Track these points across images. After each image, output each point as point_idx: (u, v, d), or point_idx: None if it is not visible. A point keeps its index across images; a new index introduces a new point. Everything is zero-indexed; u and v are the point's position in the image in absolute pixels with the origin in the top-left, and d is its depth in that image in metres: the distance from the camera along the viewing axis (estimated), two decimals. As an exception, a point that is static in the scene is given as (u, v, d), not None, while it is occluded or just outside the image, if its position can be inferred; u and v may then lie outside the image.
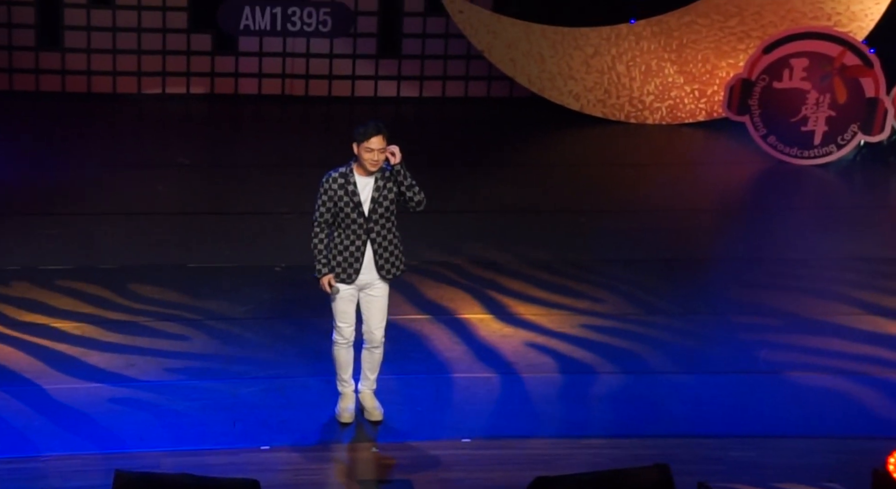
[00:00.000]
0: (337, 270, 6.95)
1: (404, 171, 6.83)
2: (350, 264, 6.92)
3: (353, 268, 6.93)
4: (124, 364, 7.79)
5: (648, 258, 10.11)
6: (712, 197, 12.17)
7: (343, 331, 7.06)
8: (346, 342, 7.10)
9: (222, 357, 7.95)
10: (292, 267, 9.54)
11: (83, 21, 14.12)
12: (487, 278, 9.46)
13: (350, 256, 6.91)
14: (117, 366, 7.76)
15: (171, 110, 14.17)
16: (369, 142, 6.74)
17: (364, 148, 6.76)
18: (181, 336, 8.22)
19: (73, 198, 10.97)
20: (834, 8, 13.56)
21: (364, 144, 6.75)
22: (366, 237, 6.89)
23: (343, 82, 14.79)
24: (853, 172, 12.99)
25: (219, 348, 8.08)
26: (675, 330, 8.66)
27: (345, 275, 6.94)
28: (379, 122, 6.80)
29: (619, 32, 14.08)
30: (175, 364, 7.82)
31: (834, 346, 8.50)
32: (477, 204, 11.40)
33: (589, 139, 13.82)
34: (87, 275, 9.16)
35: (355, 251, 6.90)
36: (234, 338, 8.23)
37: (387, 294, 7.08)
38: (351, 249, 6.90)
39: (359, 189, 6.84)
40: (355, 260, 6.91)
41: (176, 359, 7.87)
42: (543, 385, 7.77)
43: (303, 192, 11.38)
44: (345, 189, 6.83)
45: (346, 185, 6.83)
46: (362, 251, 6.90)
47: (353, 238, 6.89)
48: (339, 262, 6.93)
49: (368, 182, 6.85)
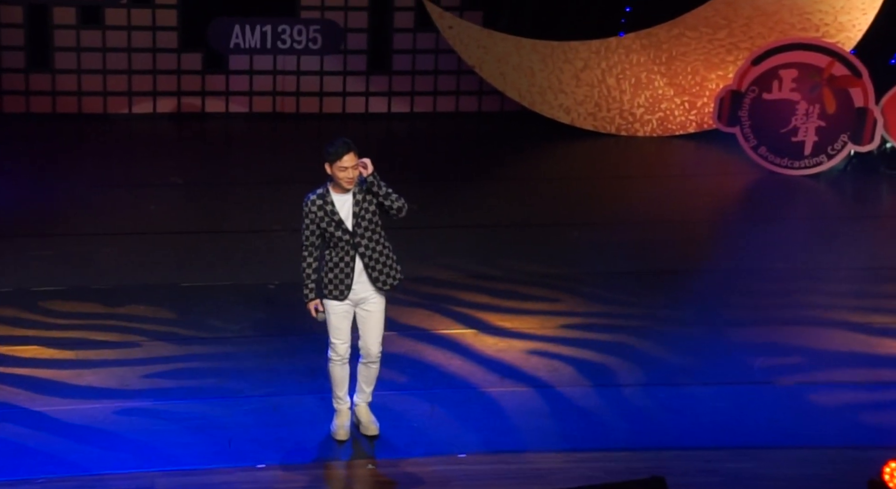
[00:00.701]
0: (329, 287, 6.98)
1: (378, 181, 6.88)
2: (341, 280, 6.95)
3: (344, 285, 6.95)
4: (118, 384, 7.78)
5: (641, 270, 10.12)
6: (704, 208, 12.19)
7: (338, 347, 7.07)
8: (340, 359, 7.10)
9: (216, 376, 7.94)
10: (285, 284, 9.53)
11: (73, 42, 14.14)
12: (480, 292, 9.46)
13: (340, 272, 6.94)
14: (111, 386, 7.75)
15: (162, 129, 14.18)
16: (342, 160, 6.82)
17: (337, 167, 6.83)
18: (175, 355, 8.21)
19: (65, 218, 10.97)
20: (822, 19, 13.62)
21: (337, 164, 6.83)
22: (354, 252, 6.93)
23: (334, 99, 14.82)
24: (844, 182, 13.04)
25: (213, 367, 8.07)
26: (669, 341, 8.67)
27: (337, 291, 6.97)
28: (346, 140, 6.89)
29: (608, 46, 14.13)
30: (169, 383, 7.80)
31: (828, 356, 8.50)
32: (469, 218, 11.41)
33: (580, 152, 13.85)
34: (80, 296, 9.15)
35: (345, 267, 6.93)
36: (228, 357, 8.23)
37: (383, 308, 7.10)
38: (341, 265, 6.94)
39: (337, 207, 6.90)
40: (346, 275, 6.94)
41: (170, 379, 7.86)
42: (538, 399, 7.76)
43: (295, 210, 11.32)
44: (324, 210, 6.89)
45: (325, 206, 6.89)
46: (352, 266, 6.94)
47: (342, 254, 6.93)
48: (331, 279, 6.97)
49: (346, 198, 6.91)
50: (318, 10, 14.52)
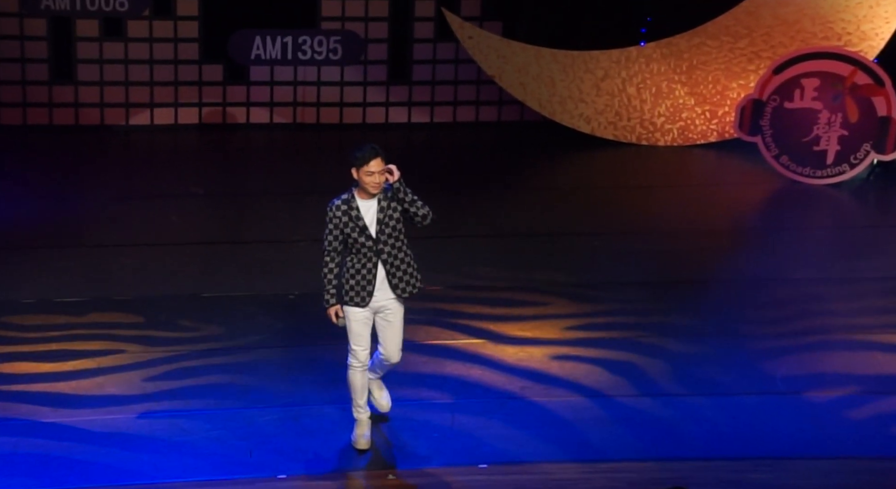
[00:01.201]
0: (350, 294, 6.99)
1: (404, 188, 6.90)
2: (363, 287, 6.96)
3: (366, 291, 6.97)
4: (139, 394, 7.80)
5: (663, 280, 10.09)
6: (725, 218, 12.15)
7: (358, 354, 7.09)
8: (361, 365, 7.12)
9: (237, 386, 7.96)
10: (306, 295, 9.55)
11: (96, 54, 14.22)
12: (500, 302, 9.45)
13: (363, 279, 6.95)
14: (132, 396, 7.77)
15: (183, 140, 14.24)
16: (369, 165, 6.84)
17: (364, 172, 6.85)
18: (196, 366, 8.23)
19: (87, 229, 11.02)
20: (844, 28, 13.57)
21: (364, 169, 6.85)
22: (376, 258, 6.94)
23: (354, 109, 14.84)
24: (867, 191, 12.96)
25: (234, 377, 8.08)
26: (691, 352, 8.64)
27: (358, 298, 6.98)
28: (374, 145, 6.93)
29: (629, 55, 14.11)
30: (190, 394, 7.82)
31: (850, 367, 8.45)
32: (489, 228, 11.41)
33: (601, 162, 13.83)
34: (101, 307, 9.19)
35: (367, 274, 6.94)
36: (248, 367, 8.24)
37: (402, 316, 7.14)
38: (363, 272, 6.95)
39: (362, 213, 6.91)
40: (367, 282, 6.95)
41: (191, 389, 7.88)
42: (559, 409, 7.75)
43: (316, 221, 11.37)
44: (349, 215, 6.90)
45: (350, 211, 6.90)
46: (374, 273, 6.95)
47: (365, 261, 6.94)
48: (353, 286, 6.98)
49: (371, 204, 6.93)
50: (338, 20, 14.56)
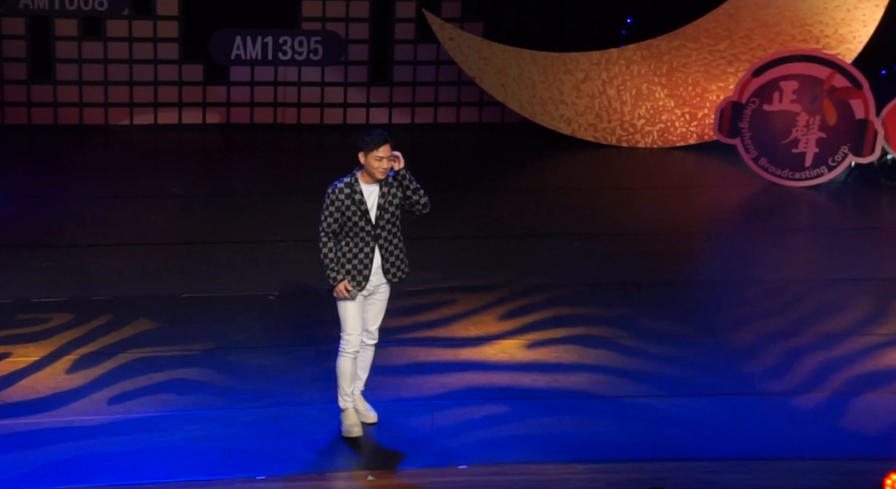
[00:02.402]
0: (347, 278, 7.01)
1: (409, 175, 6.92)
2: (359, 271, 6.99)
3: (362, 276, 7.00)
4: (117, 395, 7.77)
5: (642, 281, 10.12)
6: (705, 219, 12.20)
7: (352, 339, 7.12)
8: (353, 350, 7.15)
9: (216, 387, 7.94)
10: (286, 295, 9.55)
11: (74, 54, 14.17)
12: (480, 303, 9.46)
13: (359, 263, 6.98)
14: (111, 397, 7.74)
15: (163, 141, 14.20)
16: (378, 151, 6.87)
17: (373, 157, 6.87)
18: (174, 366, 8.21)
19: (66, 230, 10.98)
20: (822, 31, 13.64)
21: (374, 153, 6.87)
22: (374, 243, 6.98)
23: (335, 110, 14.84)
24: (845, 194, 13.04)
25: (212, 378, 8.06)
26: (669, 353, 8.66)
27: (354, 282, 7.01)
28: (382, 131, 6.95)
29: (609, 57, 14.14)
30: (168, 395, 7.80)
31: (828, 368, 8.50)
32: (470, 228, 11.42)
33: (581, 163, 13.86)
34: (80, 307, 9.15)
35: (364, 258, 6.98)
36: (227, 368, 8.22)
37: (387, 298, 7.21)
38: (360, 257, 6.97)
39: (365, 196, 6.92)
40: (364, 267, 6.99)
41: (169, 390, 7.86)
42: (539, 409, 7.76)
43: (296, 221, 11.42)
44: (351, 198, 6.91)
45: (353, 194, 6.91)
46: (371, 257, 7.00)
47: (362, 245, 6.97)
48: (349, 270, 7.01)
49: (374, 189, 6.97)
50: (319, 21, 14.55)
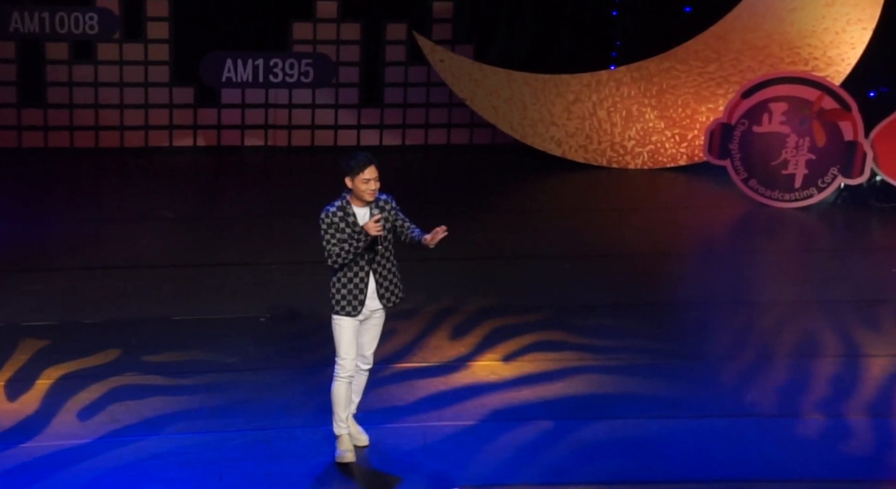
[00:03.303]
0: (342, 303, 7.00)
1: (397, 213, 7.01)
2: (355, 296, 6.98)
3: (357, 300, 6.99)
4: (108, 419, 7.74)
5: (633, 302, 10.13)
6: (695, 240, 12.22)
7: (347, 364, 7.10)
8: (348, 376, 7.14)
9: (207, 409, 7.92)
10: (277, 317, 9.54)
11: (65, 77, 14.18)
12: (472, 324, 9.46)
13: (354, 288, 6.97)
14: (101, 421, 7.72)
15: (154, 163, 14.20)
16: (364, 173, 6.90)
17: (360, 180, 6.89)
18: (165, 389, 8.19)
19: (56, 253, 10.96)
20: (811, 53, 13.71)
21: (360, 176, 6.89)
22: (368, 267, 6.97)
23: (326, 132, 14.87)
24: (834, 215, 13.08)
25: (203, 400, 8.04)
26: (660, 374, 8.66)
27: (350, 307, 7.00)
28: (367, 153, 7.00)
29: (599, 79, 14.20)
30: (159, 418, 7.77)
31: (818, 389, 8.50)
32: (460, 250, 11.42)
33: (571, 184, 13.89)
34: (70, 331, 9.13)
35: (359, 282, 6.97)
36: (218, 391, 8.20)
37: (383, 322, 7.20)
38: (355, 281, 6.97)
39: (359, 219, 6.96)
40: (360, 291, 6.98)
41: (160, 413, 7.83)
42: (531, 431, 7.75)
43: (287, 243, 11.42)
44: (345, 221, 6.92)
45: (347, 217, 6.93)
46: (366, 281, 6.99)
47: (357, 270, 6.97)
48: (345, 295, 6.99)
49: (366, 212, 6.99)
50: (310, 43, 14.60)
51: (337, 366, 7.14)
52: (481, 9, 14.73)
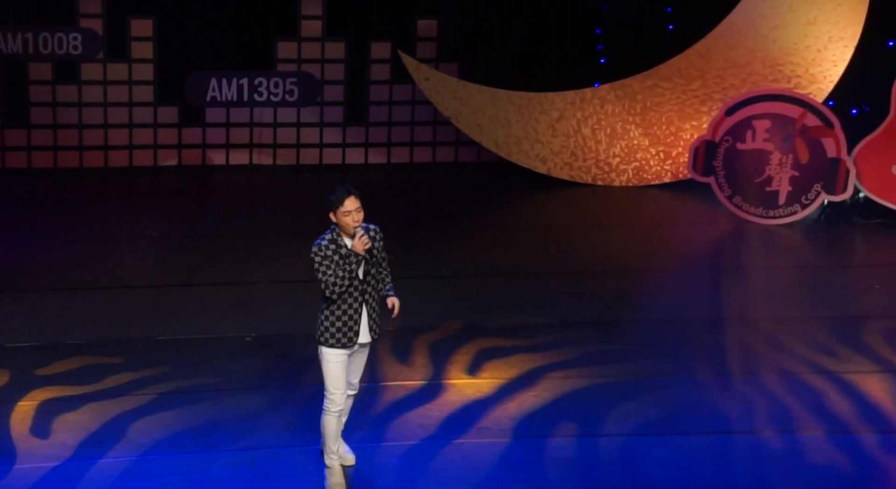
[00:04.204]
0: (337, 335, 6.97)
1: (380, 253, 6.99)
2: (350, 328, 6.96)
3: (352, 332, 6.98)
4: (92, 440, 7.71)
5: (618, 319, 10.14)
6: (680, 257, 12.25)
7: (337, 398, 7.07)
8: (338, 410, 7.11)
9: (192, 430, 7.89)
10: (262, 337, 9.51)
11: (49, 97, 14.16)
12: (458, 342, 9.45)
13: (349, 319, 6.95)
14: (85, 442, 7.68)
15: (138, 183, 14.18)
16: (344, 205, 6.88)
17: (341, 213, 6.88)
18: (150, 410, 8.15)
19: (40, 273, 10.92)
20: (793, 70, 13.78)
21: (340, 210, 6.88)
22: (361, 299, 6.96)
23: (311, 150, 14.87)
24: (818, 231, 13.12)
25: (189, 421, 8.01)
26: (646, 391, 8.66)
27: (345, 339, 6.97)
28: (345, 185, 6.98)
29: (583, 96, 14.25)
30: (144, 439, 7.74)
31: (803, 407, 8.52)
32: (446, 268, 11.43)
33: (557, 202, 13.92)
34: (54, 352, 9.09)
35: (353, 314, 6.96)
36: (204, 411, 8.17)
37: (368, 351, 7.20)
38: (350, 312, 6.95)
39: (352, 252, 6.92)
40: (354, 322, 6.96)
41: (145, 434, 7.80)
42: (517, 449, 7.74)
43: (273, 262, 11.40)
44: (338, 253, 6.90)
45: (339, 249, 6.90)
46: (360, 313, 6.98)
47: (351, 301, 6.94)
48: (339, 328, 6.96)
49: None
50: (294, 62, 14.61)
51: (327, 401, 7.10)
52: (466, 27, 14.78)
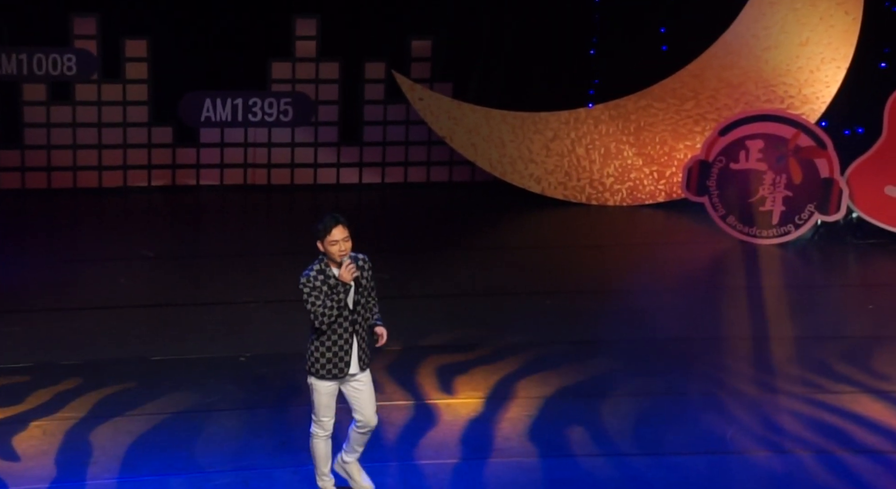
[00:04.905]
0: (328, 366, 6.92)
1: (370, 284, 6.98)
2: (340, 358, 6.92)
3: (343, 362, 6.93)
4: (86, 462, 7.68)
5: (612, 339, 10.13)
6: (674, 277, 12.25)
7: (325, 424, 7.04)
8: (326, 434, 7.08)
9: (186, 450, 7.86)
10: (257, 356, 9.50)
11: (43, 118, 14.16)
12: (452, 362, 9.44)
13: (340, 350, 6.91)
14: (79, 462, 7.65)
15: (132, 203, 14.17)
16: (331, 235, 6.81)
17: (328, 242, 6.82)
18: (144, 431, 8.13)
19: (34, 294, 10.90)
20: (786, 91, 13.83)
21: (328, 239, 6.82)
22: (351, 329, 6.91)
23: (305, 170, 14.88)
24: (811, 251, 13.14)
25: (182, 442, 7.99)
26: (641, 411, 8.66)
27: (336, 369, 6.93)
28: (333, 214, 6.90)
29: (577, 116, 14.28)
30: (138, 460, 7.72)
31: (797, 426, 8.51)
32: (440, 288, 11.42)
33: (551, 221, 13.93)
34: (47, 373, 9.06)
35: (343, 344, 6.91)
36: (197, 431, 8.15)
37: (370, 379, 7.10)
38: (339, 343, 6.91)
39: (340, 281, 6.89)
40: (345, 353, 6.92)
41: (139, 455, 7.78)
42: (511, 470, 7.72)
43: (267, 282, 11.39)
44: (326, 284, 6.85)
45: (327, 280, 6.86)
46: (350, 343, 6.93)
47: (341, 332, 6.90)
48: (330, 358, 6.91)
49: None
50: (288, 82, 14.64)
51: (315, 426, 7.07)
52: (460, 47, 14.82)
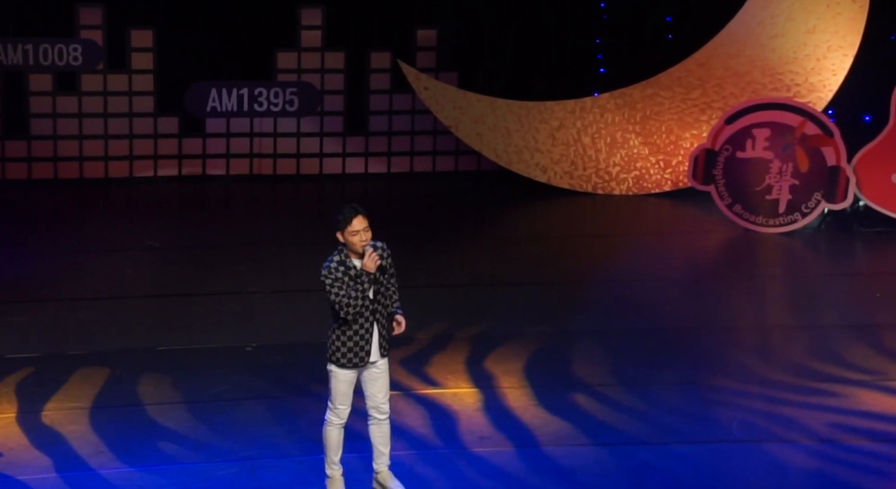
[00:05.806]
0: (349, 355, 6.92)
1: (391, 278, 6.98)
2: (361, 347, 6.92)
3: (364, 351, 6.94)
4: (93, 451, 7.70)
5: (619, 328, 10.13)
6: (680, 266, 12.24)
7: (341, 412, 7.03)
8: (340, 422, 7.07)
9: (192, 440, 7.88)
10: (263, 346, 9.50)
11: (49, 108, 14.16)
12: (458, 351, 9.45)
13: (360, 339, 6.91)
14: (86, 453, 7.67)
15: (139, 193, 14.18)
16: (352, 225, 6.84)
17: (349, 232, 6.84)
18: (151, 420, 8.14)
19: (41, 284, 10.91)
20: (793, 79, 13.79)
21: (348, 229, 6.84)
22: (372, 318, 6.92)
23: (311, 160, 14.87)
24: (818, 240, 13.11)
25: (189, 431, 8.00)
26: (649, 400, 8.66)
27: (357, 358, 6.93)
28: (353, 205, 6.93)
29: (583, 105, 14.25)
30: (144, 449, 7.73)
31: (805, 415, 8.50)
32: (446, 277, 11.42)
33: (557, 211, 13.92)
34: (55, 363, 9.08)
35: (364, 334, 6.92)
36: (204, 421, 8.16)
37: (387, 368, 7.09)
38: (361, 332, 6.91)
39: (362, 271, 6.90)
40: (365, 342, 6.92)
41: (145, 444, 7.79)
42: (518, 458, 7.73)
43: (274, 272, 11.40)
44: (348, 274, 6.86)
45: (348, 271, 6.86)
46: (371, 333, 6.93)
47: (362, 321, 6.90)
48: (351, 348, 6.91)
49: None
50: (294, 72, 14.62)
51: (330, 413, 7.05)
52: (465, 37, 14.79)
